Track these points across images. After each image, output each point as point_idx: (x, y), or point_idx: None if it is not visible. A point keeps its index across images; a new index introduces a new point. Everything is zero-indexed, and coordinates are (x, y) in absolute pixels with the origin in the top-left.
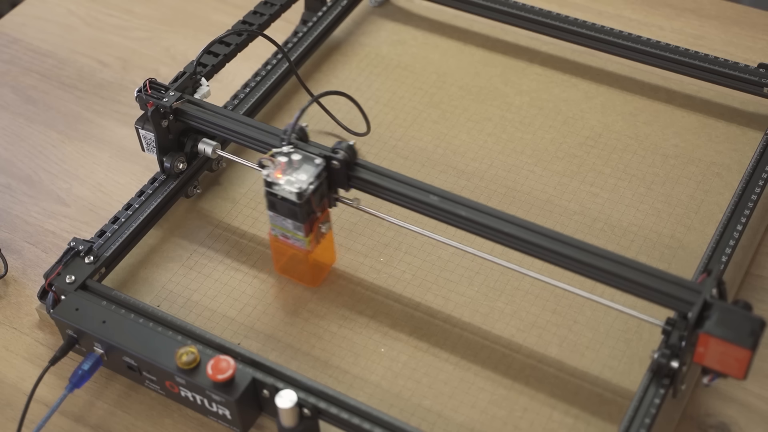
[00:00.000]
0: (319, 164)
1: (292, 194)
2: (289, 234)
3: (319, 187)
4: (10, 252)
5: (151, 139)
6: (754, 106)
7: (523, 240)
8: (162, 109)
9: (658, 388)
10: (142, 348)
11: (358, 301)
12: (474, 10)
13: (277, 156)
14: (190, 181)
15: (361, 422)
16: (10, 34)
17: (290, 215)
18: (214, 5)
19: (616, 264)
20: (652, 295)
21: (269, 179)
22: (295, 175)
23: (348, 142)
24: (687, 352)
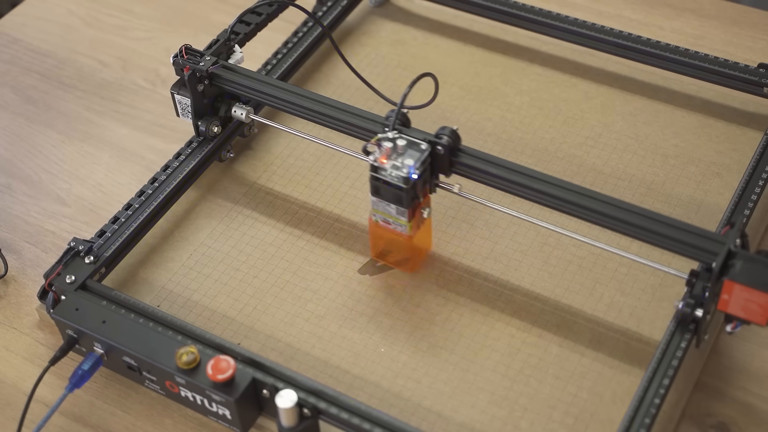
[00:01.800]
0: (425, 149)
1: (399, 179)
2: (391, 219)
3: (424, 172)
4: (10, 252)
5: (186, 103)
6: (754, 106)
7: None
8: (198, 73)
9: (683, 335)
10: (142, 348)
11: (357, 302)
12: (474, 10)
13: (382, 141)
14: (224, 145)
15: (361, 422)
16: (10, 34)
17: (395, 200)
18: (214, 5)
19: (643, 218)
20: (679, 247)
21: (375, 164)
22: (400, 160)
23: (451, 127)
24: (710, 301)
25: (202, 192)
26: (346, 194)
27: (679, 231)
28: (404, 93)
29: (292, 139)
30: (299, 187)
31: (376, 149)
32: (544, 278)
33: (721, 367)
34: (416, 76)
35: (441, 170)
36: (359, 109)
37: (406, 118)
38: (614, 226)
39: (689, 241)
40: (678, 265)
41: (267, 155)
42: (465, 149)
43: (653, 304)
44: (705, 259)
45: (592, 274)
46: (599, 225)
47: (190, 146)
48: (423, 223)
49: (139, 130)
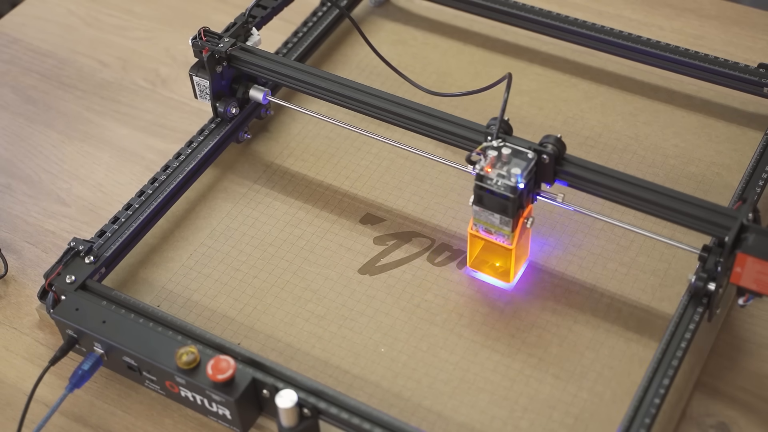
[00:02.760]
0: (531, 158)
1: (507, 188)
2: (494, 229)
3: (530, 181)
4: (10, 252)
5: (204, 85)
6: (754, 106)
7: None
8: (217, 54)
9: (696, 309)
10: (142, 348)
11: (357, 302)
12: (474, 10)
13: (487, 150)
14: (240, 127)
15: (361, 422)
16: (10, 34)
17: (500, 210)
18: (214, 5)
19: (657, 194)
20: (692, 222)
21: (481, 173)
22: (506, 168)
23: (556, 135)
24: (723, 275)
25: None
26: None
27: (693, 206)
28: (504, 99)
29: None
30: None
31: (481, 158)
32: (544, 278)
33: (721, 367)
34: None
35: (545, 179)
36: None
37: (509, 126)
38: (629, 203)
39: (702, 216)
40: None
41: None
42: (570, 158)
43: (653, 304)
44: (718, 234)
45: (592, 274)
46: (614, 201)
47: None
48: (525, 232)
49: (139, 130)
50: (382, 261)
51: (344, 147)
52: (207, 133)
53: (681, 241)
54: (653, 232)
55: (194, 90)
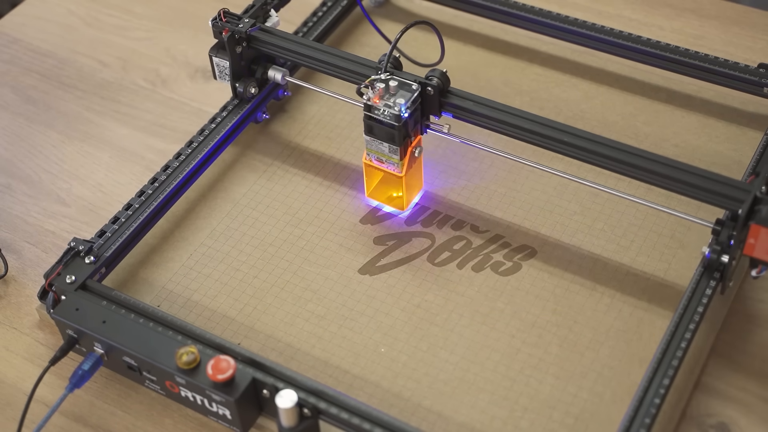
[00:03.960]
0: (415, 89)
1: (392, 117)
2: (384, 158)
3: (415, 111)
4: (10, 252)
5: (224, 66)
6: (754, 106)
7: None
8: (237, 35)
9: (709, 281)
10: (142, 348)
11: (357, 302)
12: (474, 10)
13: (375, 83)
14: (259, 107)
15: (361, 422)
16: (10, 34)
17: (388, 138)
18: (214, 5)
19: (671, 168)
20: (705, 195)
21: (369, 104)
22: (393, 99)
23: (441, 69)
24: (736, 248)
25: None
26: None
27: (706, 180)
28: (396, 37)
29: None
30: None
31: (369, 90)
32: (544, 278)
33: (721, 367)
34: (409, 23)
35: (431, 111)
36: (355, 55)
37: (399, 62)
38: (642, 176)
39: (716, 189)
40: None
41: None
42: (455, 90)
43: (653, 304)
44: (731, 207)
45: (592, 274)
46: (623, 174)
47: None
48: (415, 161)
49: (139, 130)
50: (382, 261)
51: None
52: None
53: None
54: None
55: (213, 71)
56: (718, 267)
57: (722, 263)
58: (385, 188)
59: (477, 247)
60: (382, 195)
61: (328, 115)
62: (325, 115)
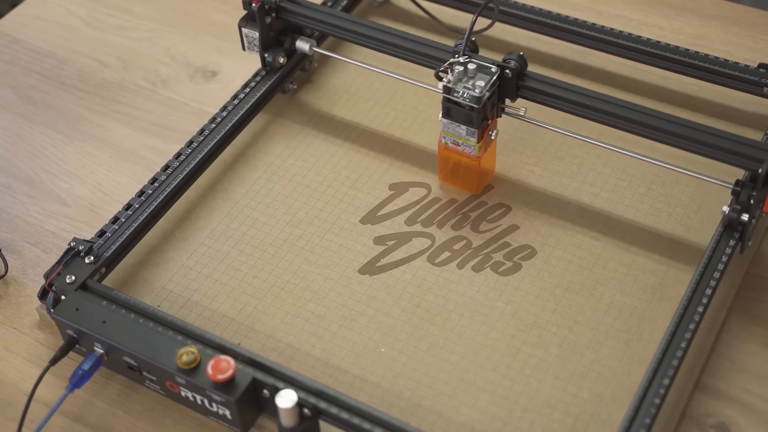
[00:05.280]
0: (494, 72)
1: (471, 99)
2: (461, 141)
3: (493, 94)
4: (10, 252)
5: (253, 37)
6: (754, 106)
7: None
8: (267, 5)
9: (729, 241)
10: (143, 348)
11: (357, 302)
12: (474, 10)
13: (454, 66)
14: (287, 77)
15: (361, 422)
16: (10, 34)
17: (466, 121)
18: (214, 5)
19: (693, 129)
20: (726, 156)
21: (448, 86)
22: (471, 82)
23: (518, 52)
24: (755, 207)
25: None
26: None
27: (726, 141)
28: (472, 20)
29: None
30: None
31: (449, 73)
32: (544, 278)
33: (721, 367)
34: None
35: (508, 94)
36: (430, 39)
37: (475, 45)
38: (663, 138)
39: (736, 149)
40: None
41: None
42: (531, 74)
43: (653, 304)
44: (751, 167)
45: (592, 274)
46: (649, 138)
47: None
48: (490, 144)
49: (139, 130)
50: (382, 261)
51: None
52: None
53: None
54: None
55: (243, 42)
56: (738, 226)
57: (742, 222)
58: (459, 171)
59: (477, 247)
60: (456, 179)
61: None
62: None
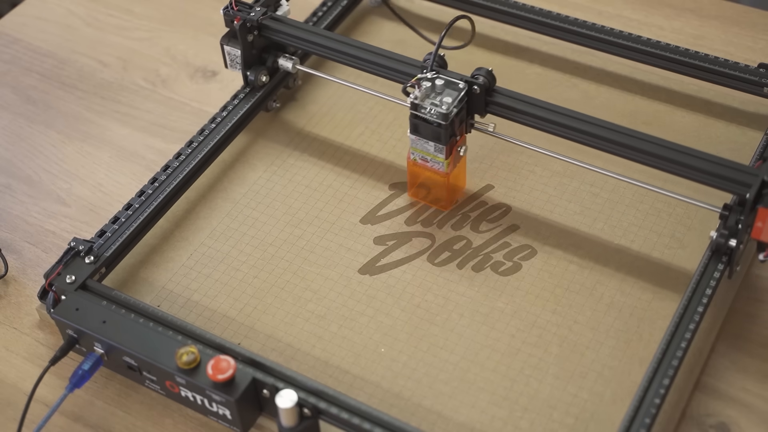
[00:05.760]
0: (462, 88)
1: (438, 116)
2: (429, 157)
3: (461, 110)
4: (10, 252)
5: (235, 54)
6: (754, 106)
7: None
8: (249, 23)
9: (717, 265)
10: (143, 348)
11: (357, 302)
12: (474, 10)
13: (422, 81)
14: (270, 96)
15: (361, 422)
16: (10, 34)
17: (434, 137)
18: (214, 5)
19: (680, 153)
20: (714, 180)
21: (415, 102)
22: (439, 98)
23: (487, 68)
24: (743, 232)
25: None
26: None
27: (714, 165)
28: (441, 35)
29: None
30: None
31: (416, 89)
32: (544, 278)
33: (721, 367)
34: (453, 18)
35: (477, 110)
36: (399, 54)
37: (444, 61)
38: (652, 162)
39: (724, 174)
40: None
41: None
42: (500, 89)
43: (653, 304)
44: (739, 191)
45: (592, 274)
46: (635, 161)
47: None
48: (459, 160)
49: (139, 130)
50: (382, 261)
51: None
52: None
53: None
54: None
55: (225, 60)
56: (726, 251)
57: (730, 247)
58: (428, 188)
59: (477, 247)
60: (425, 194)
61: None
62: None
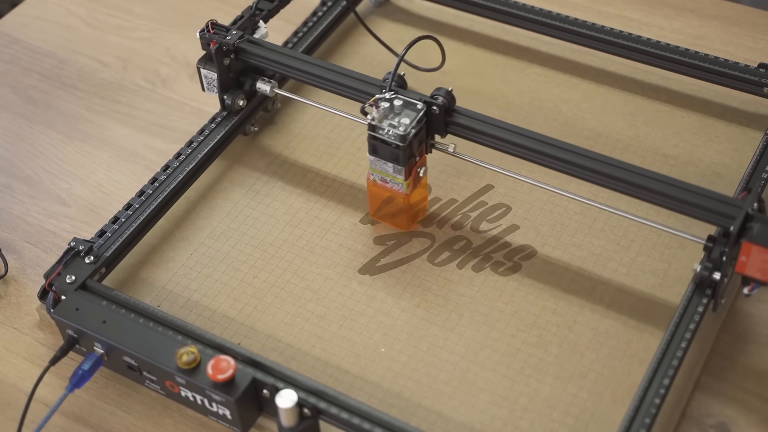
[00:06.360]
0: (420, 108)
1: (396, 137)
2: (389, 178)
3: (420, 131)
4: (10, 252)
5: (212, 78)
6: (754, 106)
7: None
8: (225, 47)
9: (701, 299)
10: (143, 348)
11: (357, 302)
12: (474, 10)
13: (380, 101)
14: (248, 119)
15: (361, 422)
16: (10, 34)
17: (392, 158)
18: (214, 5)
19: (663, 184)
20: (697, 212)
21: (373, 123)
22: (397, 119)
23: (446, 88)
24: (728, 265)
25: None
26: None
27: (697, 196)
28: (401, 54)
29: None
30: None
31: (374, 109)
32: (545, 278)
33: (721, 367)
34: (414, 38)
35: (437, 130)
36: (359, 73)
37: (403, 81)
38: (632, 192)
39: (708, 206)
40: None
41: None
42: (460, 110)
43: (653, 305)
44: (723, 223)
45: (592, 274)
46: (615, 190)
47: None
48: (419, 182)
49: (139, 130)
50: (382, 261)
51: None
52: (214, 126)
53: (685, 231)
54: (655, 221)
55: (202, 83)
56: (710, 284)
57: (714, 281)
58: (389, 208)
59: (477, 247)
60: (386, 215)
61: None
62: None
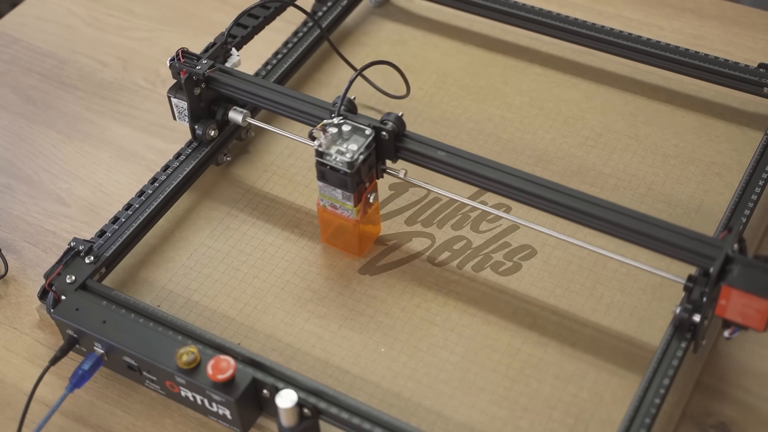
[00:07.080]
0: (369, 134)
1: (343, 164)
2: (338, 204)
3: (369, 157)
4: (10, 252)
5: (183, 107)
6: (754, 106)
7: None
8: (195, 76)
9: (680, 342)
10: (143, 348)
11: (357, 302)
12: (474, 10)
13: (328, 127)
14: (220, 149)
15: (361, 422)
16: (10, 34)
17: (340, 185)
18: (214, 5)
19: (641, 222)
20: (676, 252)
21: (320, 149)
22: (345, 145)
23: (396, 113)
24: (708, 307)
25: (199, 196)
26: None
27: (676, 235)
28: (350, 79)
29: (289, 141)
30: (299, 188)
31: (321, 135)
32: (544, 278)
33: (721, 367)
34: (370, 62)
35: (387, 156)
36: (310, 96)
37: (353, 105)
38: (609, 230)
39: (686, 245)
40: (676, 269)
41: (264, 158)
42: (410, 135)
43: (653, 304)
44: (702, 264)
45: (592, 274)
46: (593, 228)
47: (190, 146)
48: (370, 207)
49: (139, 130)
50: (382, 261)
51: None
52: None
53: (667, 269)
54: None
55: (173, 112)
56: (690, 326)
57: (694, 323)
58: (340, 234)
59: (477, 247)
60: (337, 241)
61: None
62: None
